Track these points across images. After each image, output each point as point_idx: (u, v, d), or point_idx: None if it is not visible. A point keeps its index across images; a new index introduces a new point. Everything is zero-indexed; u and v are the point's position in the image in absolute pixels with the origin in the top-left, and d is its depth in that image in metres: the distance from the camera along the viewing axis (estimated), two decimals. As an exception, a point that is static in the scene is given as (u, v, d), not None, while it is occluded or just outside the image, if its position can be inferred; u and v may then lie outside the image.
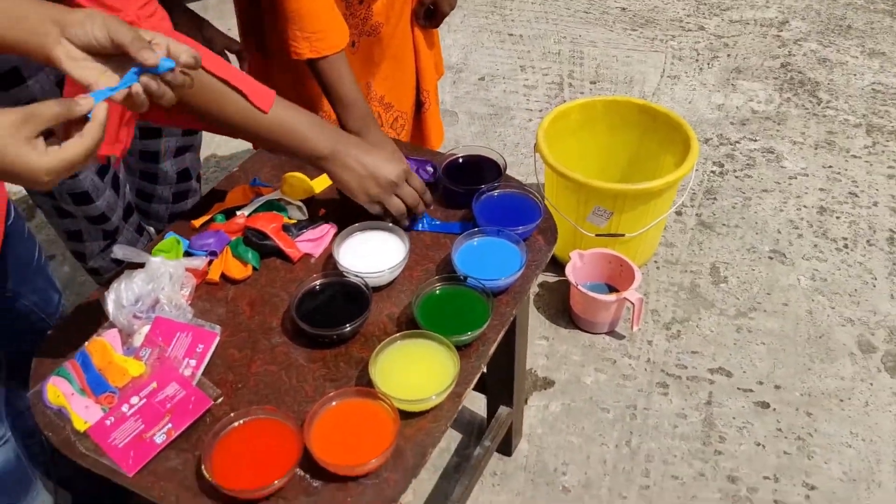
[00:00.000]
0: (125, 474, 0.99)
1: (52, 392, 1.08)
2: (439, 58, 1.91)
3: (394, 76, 1.70)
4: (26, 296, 1.22)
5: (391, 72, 1.69)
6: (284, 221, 1.30)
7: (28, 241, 1.24)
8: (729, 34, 3.26)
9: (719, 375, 1.90)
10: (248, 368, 1.11)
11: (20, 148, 0.76)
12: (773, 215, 2.36)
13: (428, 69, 1.76)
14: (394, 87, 1.71)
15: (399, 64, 1.70)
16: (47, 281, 1.29)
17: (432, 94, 1.79)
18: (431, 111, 1.81)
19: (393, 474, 0.98)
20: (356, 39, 1.60)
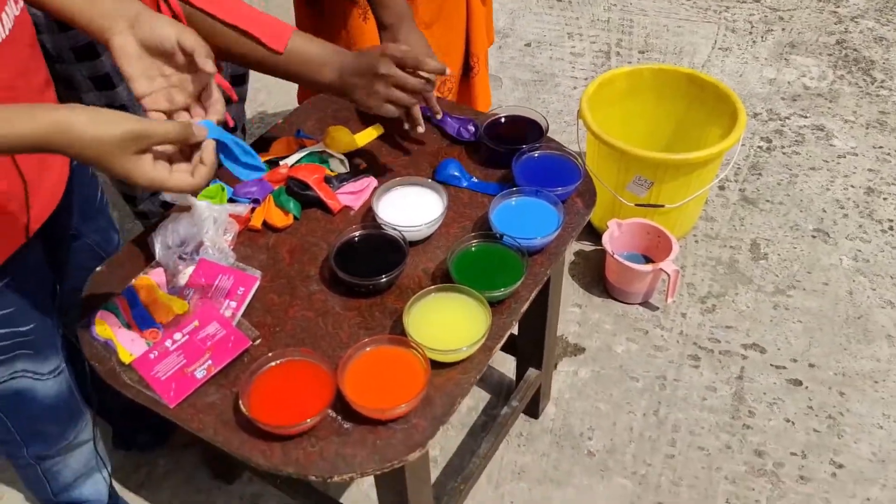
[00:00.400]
0: (167, 405, 1.03)
1: (99, 325, 1.12)
2: (490, 25, 1.90)
3: (445, 38, 1.70)
4: (88, 235, 1.27)
5: (442, 34, 1.69)
6: (326, 173, 1.33)
7: (91, 181, 1.28)
8: (784, 7, 3.17)
9: (753, 351, 1.89)
10: (286, 313, 1.15)
11: (126, 162, 0.81)
12: (819, 194, 2.32)
13: (479, 34, 1.75)
14: (445, 50, 1.71)
15: (451, 26, 1.70)
16: (108, 221, 1.34)
17: (482, 59, 1.79)
18: (480, 76, 1.81)
19: (422, 421, 1.01)
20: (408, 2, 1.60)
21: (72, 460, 1.33)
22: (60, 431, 1.28)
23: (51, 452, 1.30)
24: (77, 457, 1.33)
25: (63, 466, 1.34)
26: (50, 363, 1.19)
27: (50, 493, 1.38)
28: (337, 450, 0.98)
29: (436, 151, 1.42)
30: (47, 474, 1.34)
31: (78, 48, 1.41)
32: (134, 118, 0.81)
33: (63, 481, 1.37)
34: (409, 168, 1.38)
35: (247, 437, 1.00)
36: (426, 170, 1.37)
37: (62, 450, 1.30)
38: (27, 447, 1.27)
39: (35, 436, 1.26)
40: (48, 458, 1.31)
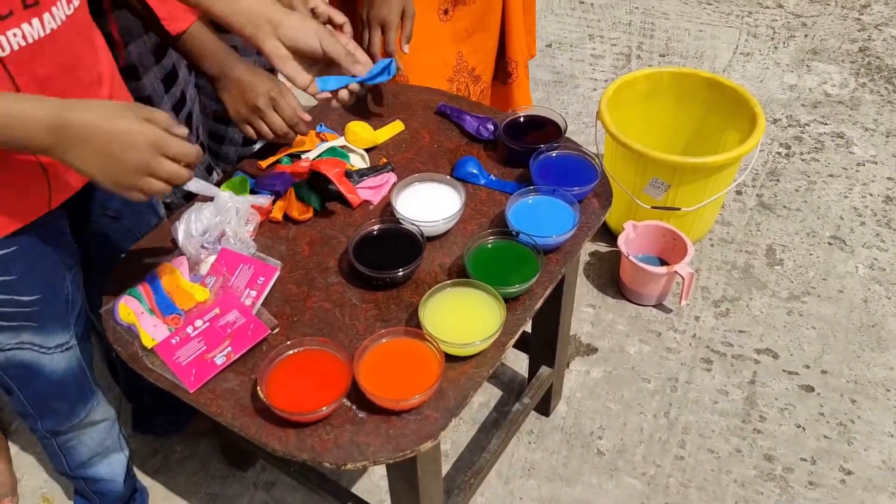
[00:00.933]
0: (187, 390, 1.06)
1: (123, 310, 1.15)
2: (533, 38, 1.91)
3: (484, 47, 1.72)
4: (128, 217, 1.30)
5: (482, 43, 1.71)
6: (347, 167, 1.35)
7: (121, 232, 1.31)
8: (808, 14, 3.16)
9: (765, 356, 1.89)
10: (305, 303, 1.17)
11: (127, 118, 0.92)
12: (837, 201, 2.31)
13: (518, 40, 1.76)
14: (483, 58, 1.73)
15: (489, 35, 1.71)
16: (149, 206, 1.37)
17: (521, 65, 1.79)
18: (519, 83, 1.81)
19: (434, 412, 1.03)
20: (449, 7, 1.62)
21: (86, 438, 1.36)
22: (70, 408, 1.30)
23: (62, 429, 1.32)
24: (92, 435, 1.36)
25: (77, 443, 1.37)
26: (56, 338, 1.20)
27: (66, 467, 1.41)
28: (351, 438, 1.01)
29: (455, 149, 1.43)
30: (63, 449, 1.37)
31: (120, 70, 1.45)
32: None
33: (78, 458, 1.40)
34: (428, 165, 1.40)
35: (263, 422, 1.02)
36: (445, 167, 1.39)
37: (74, 427, 1.33)
38: (40, 420, 1.30)
39: (46, 411, 1.28)
40: (61, 433, 1.33)
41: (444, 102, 1.52)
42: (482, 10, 1.66)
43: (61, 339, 1.21)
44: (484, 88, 1.76)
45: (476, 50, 1.70)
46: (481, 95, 1.77)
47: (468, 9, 1.64)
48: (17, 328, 1.14)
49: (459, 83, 1.71)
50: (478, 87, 1.74)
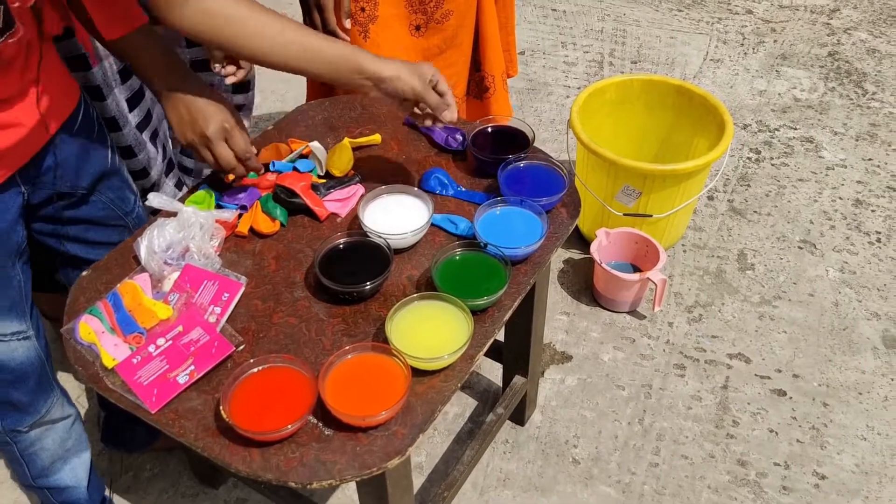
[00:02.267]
0: (148, 410, 1.04)
1: (83, 329, 1.13)
2: (513, 56, 1.91)
3: (455, 63, 1.72)
4: (103, 192, 1.29)
5: (452, 59, 1.71)
6: (313, 180, 1.34)
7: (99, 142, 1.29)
8: (777, 19, 3.20)
9: (738, 361, 1.90)
10: (270, 319, 1.15)
11: None
12: (807, 205, 2.33)
13: (494, 54, 1.76)
14: (454, 73, 1.73)
15: (459, 50, 1.71)
16: (123, 181, 1.35)
17: (498, 79, 1.79)
18: (497, 97, 1.81)
19: (402, 428, 1.02)
20: (422, 24, 1.62)
21: (47, 440, 1.34)
22: (30, 401, 1.28)
23: (23, 428, 1.30)
24: (53, 437, 1.33)
25: (39, 448, 1.34)
26: (12, 325, 1.18)
27: (29, 478, 1.38)
28: (317, 456, 0.99)
29: (423, 160, 1.43)
30: (24, 455, 1.35)
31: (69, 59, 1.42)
32: None
33: (41, 464, 1.37)
34: (396, 176, 1.39)
35: (227, 442, 1.00)
36: (413, 178, 1.39)
37: (34, 425, 1.30)
38: (1, 420, 1.27)
39: (4, 404, 1.26)
40: (21, 433, 1.31)
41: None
42: (454, 29, 1.67)
43: (17, 326, 1.19)
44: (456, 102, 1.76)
45: (447, 66, 1.70)
46: None
47: (440, 26, 1.64)
48: None
49: None
50: None
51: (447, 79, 1.69)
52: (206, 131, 1.19)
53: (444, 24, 1.66)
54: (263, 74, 2.85)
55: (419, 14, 1.62)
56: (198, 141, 1.21)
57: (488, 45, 1.75)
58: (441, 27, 1.66)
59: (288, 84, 2.66)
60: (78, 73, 1.44)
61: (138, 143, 1.60)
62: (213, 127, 1.19)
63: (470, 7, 1.68)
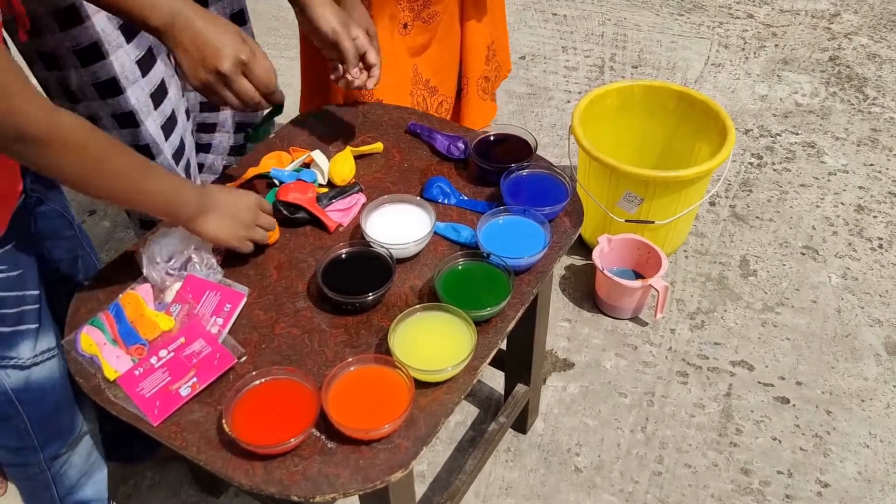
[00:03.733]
0: (150, 423, 1.03)
1: (85, 341, 1.12)
2: (506, 56, 1.91)
3: (439, 60, 1.72)
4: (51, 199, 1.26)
5: (436, 57, 1.71)
6: (316, 192, 1.33)
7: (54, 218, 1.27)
8: (778, 24, 3.19)
9: (741, 368, 1.90)
10: (272, 330, 1.15)
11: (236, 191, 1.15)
12: (809, 211, 2.33)
13: (475, 59, 1.76)
14: (439, 71, 1.73)
15: (444, 48, 1.71)
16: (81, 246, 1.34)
17: (472, 82, 1.80)
18: (469, 98, 1.82)
19: (405, 441, 1.01)
20: (409, 22, 1.62)
21: (76, 457, 1.32)
22: (73, 417, 1.26)
23: (62, 451, 1.28)
24: (80, 452, 1.32)
25: (69, 467, 1.32)
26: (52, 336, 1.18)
27: (57, 499, 1.35)
28: (320, 469, 0.98)
29: (425, 169, 1.42)
30: (55, 477, 1.32)
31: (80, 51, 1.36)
32: None
33: (69, 483, 1.34)
34: (398, 185, 1.39)
35: (229, 455, 1.00)
36: (415, 187, 1.38)
37: (71, 444, 1.29)
38: (43, 450, 1.24)
39: (52, 432, 1.24)
40: (59, 456, 1.28)
41: (414, 121, 1.51)
42: (441, 27, 1.67)
43: (53, 339, 1.18)
44: (442, 101, 1.76)
45: (431, 63, 1.70)
46: (440, 108, 1.77)
47: (427, 25, 1.64)
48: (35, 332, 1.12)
49: (417, 95, 1.73)
50: (434, 98, 1.74)
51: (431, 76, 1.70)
52: (221, 67, 1.04)
53: (430, 24, 1.66)
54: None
55: (409, 14, 1.62)
56: (213, 80, 1.06)
57: (469, 48, 1.75)
58: (427, 26, 1.66)
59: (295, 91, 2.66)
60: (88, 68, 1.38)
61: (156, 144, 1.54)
62: (228, 62, 1.04)
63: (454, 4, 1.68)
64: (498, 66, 1.90)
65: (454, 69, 1.76)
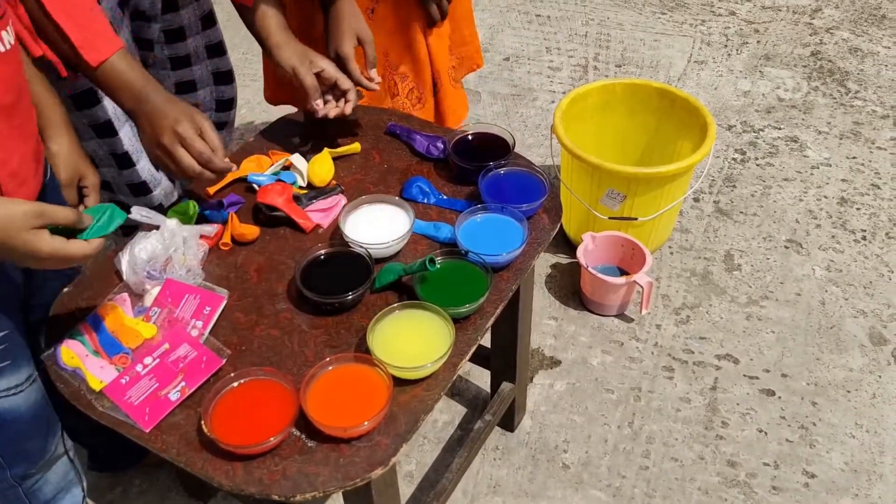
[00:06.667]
0: (141, 429, 1.03)
1: (66, 354, 1.12)
2: (475, 48, 1.91)
3: (408, 50, 1.73)
4: None
5: (406, 45, 1.72)
6: (294, 192, 1.34)
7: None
8: (760, 20, 3.21)
9: (726, 362, 1.91)
10: (253, 332, 1.15)
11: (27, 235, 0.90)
12: (793, 205, 2.34)
13: (440, 52, 1.77)
14: (408, 59, 1.73)
15: (412, 38, 1.72)
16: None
17: (444, 75, 1.81)
18: (444, 92, 1.83)
19: (385, 438, 1.02)
20: (374, 6, 1.63)
21: (51, 475, 1.30)
22: (42, 445, 1.25)
23: (32, 470, 1.27)
24: (56, 470, 1.30)
25: (44, 483, 1.31)
26: (25, 371, 1.16)
27: None
28: (300, 468, 0.99)
29: (405, 169, 1.43)
30: (28, 494, 1.31)
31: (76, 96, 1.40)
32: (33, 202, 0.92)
33: (43, 499, 1.34)
34: (378, 185, 1.39)
35: (210, 456, 1.00)
36: (395, 187, 1.39)
37: (43, 466, 1.28)
38: (10, 469, 1.23)
39: (17, 455, 1.23)
40: (30, 476, 1.27)
41: (393, 122, 1.52)
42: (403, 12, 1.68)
43: (28, 371, 1.16)
44: (413, 88, 1.77)
45: (397, 48, 1.71)
46: (410, 94, 1.77)
47: (389, 8, 1.65)
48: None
49: (388, 80, 1.74)
50: (405, 84, 1.75)
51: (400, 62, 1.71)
52: (161, 140, 1.16)
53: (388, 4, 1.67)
54: (249, 86, 2.85)
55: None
56: (160, 153, 1.18)
57: (431, 41, 1.75)
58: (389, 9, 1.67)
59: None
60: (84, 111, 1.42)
61: (153, 179, 1.57)
62: (167, 135, 1.16)
63: None
64: (462, 57, 1.90)
65: (424, 60, 1.75)
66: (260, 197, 1.31)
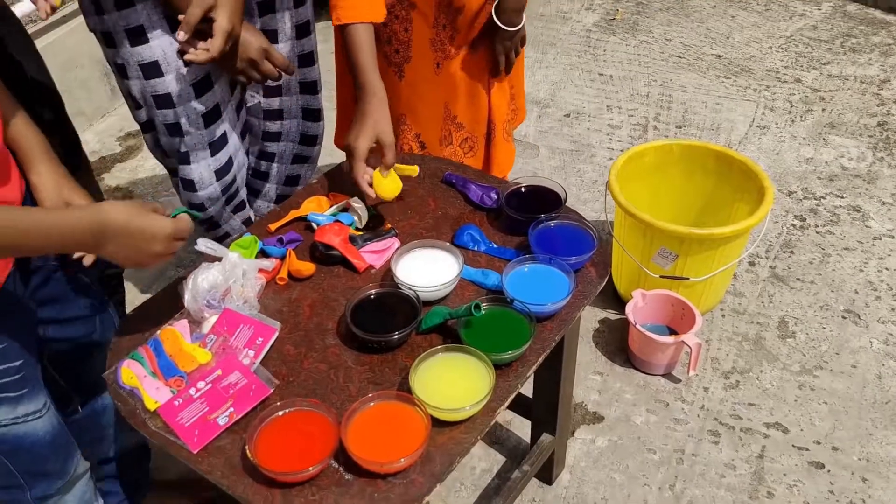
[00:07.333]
0: (190, 450, 1.08)
1: (126, 374, 1.18)
2: (520, 103, 1.99)
3: (469, 101, 1.80)
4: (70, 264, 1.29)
5: (467, 97, 1.79)
6: (351, 233, 1.39)
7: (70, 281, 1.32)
8: (826, 88, 3.20)
9: (775, 430, 1.87)
10: (301, 364, 1.20)
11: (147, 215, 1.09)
12: (852, 274, 2.30)
13: (500, 105, 1.84)
14: (467, 110, 1.81)
15: (474, 91, 1.79)
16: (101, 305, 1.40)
17: (499, 127, 1.87)
18: (497, 144, 1.88)
19: (420, 477, 1.04)
20: (440, 61, 1.72)
21: (70, 497, 1.34)
22: (61, 467, 1.29)
23: (51, 492, 1.30)
24: (74, 492, 1.34)
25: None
26: (41, 398, 1.21)
27: None
28: (336, 500, 1.02)
29: (458, 216, 1.47)
30: None
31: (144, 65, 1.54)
32: None
33: None
34: (431, 231, 1.44)
35: (251, 482, 1.04)
36: (447, 233, 1.43)
37: (62, 488, 1.31)
38: (31, 490, 1.27)
39: (37, 476, 1.26)
40: (49, 497, 1.31)
41: (450, 171, 1.57)
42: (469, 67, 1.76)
43: (44, 398, 1.21)
44: (467, 137, 1.83)
45: (459, 100, 1.79)
46: (464, 143, 1.83)
47: (456, 65, 1.74)
48: (15, 399, 1.15)
49: (445, 129, 1.82)
50: (460, 133, 1.82)
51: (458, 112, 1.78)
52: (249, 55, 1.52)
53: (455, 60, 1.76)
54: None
55: (439, 54, 1.73)
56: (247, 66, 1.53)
57: (493, 93, 1.83)
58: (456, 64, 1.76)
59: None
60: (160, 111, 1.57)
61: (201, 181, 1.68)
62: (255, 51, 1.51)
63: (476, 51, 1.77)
64: (516, 109, 1.97)
65: (483, 114, 1.83)
66: (317, 236, 1.37)
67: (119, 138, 3.10)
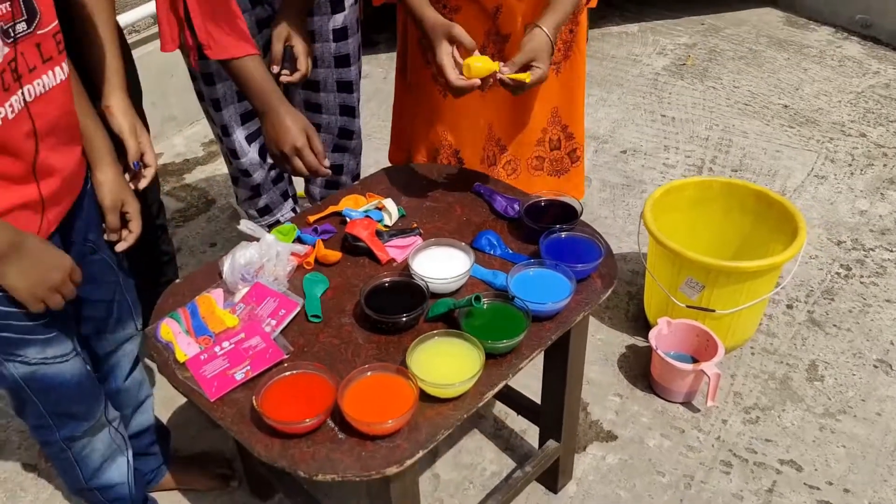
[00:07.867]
0: (208, 398, 1.22)
1: (164, 329, 1.34)
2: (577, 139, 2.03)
3: (515, 123, 1.88)
4: (104, 250, 1.40)
5: (514, 119, 1.87)
6: (379, 228, 1.52)
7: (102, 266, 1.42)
8: (891, 145, 3.17)
9: (788, 467, 1.87)
10: (317, 337, 1.32)
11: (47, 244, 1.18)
12: (890, 326, 2.28)
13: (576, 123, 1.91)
14: (512, 132, 1.88)
15: (522, 112, 1.87)
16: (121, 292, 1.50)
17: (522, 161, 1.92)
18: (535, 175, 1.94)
19: (405, 443, 1.14)
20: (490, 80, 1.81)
21: (98, 442, 1.47)
22: (87, 409, 1.41)
23: (79, 433, 1.42)
24: (103, 438, 1.47)
25: (91, 450, 1.47)
26: (68, 344, 1.32)
27: (82, 480, 1.51)
28: (328, 454, 1.13)
29: (481, 223, 1.58)
30: (78, 459, 1.47)
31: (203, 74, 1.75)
32: None
33: (92, 465, 1.49)
34: (454, 234, 1.55)
35: (256, 430, 1.17)
36: (468, 237, 1.54)
37: (88, 431, 1.43)
38: (58, 430, 1.40)
39: (64, 417, 1.39)
40: (77, 439, 1.43)
41: (479, 182, 1.68)
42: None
43: (71, 344, 1.34)
44: (510, 160, 1.89)
45: (505, 122, 1.85)
46: (507, 166, 1.90)
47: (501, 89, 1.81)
48: (43, 342, 1.28)
49: (489, 150, 1.87)
50: (503, 156, 1.88)
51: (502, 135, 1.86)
52: (283, 149, 1.54)
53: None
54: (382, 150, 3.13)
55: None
56: (280, 157, 1.57)
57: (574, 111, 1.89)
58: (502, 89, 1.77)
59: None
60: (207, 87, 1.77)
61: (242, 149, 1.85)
62: (289, 147, 1.53)
63: None
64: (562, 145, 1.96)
65: (530, 136, 1.88)
66: (348, 228, 1.50)
67: (203, 144, 3.35)
